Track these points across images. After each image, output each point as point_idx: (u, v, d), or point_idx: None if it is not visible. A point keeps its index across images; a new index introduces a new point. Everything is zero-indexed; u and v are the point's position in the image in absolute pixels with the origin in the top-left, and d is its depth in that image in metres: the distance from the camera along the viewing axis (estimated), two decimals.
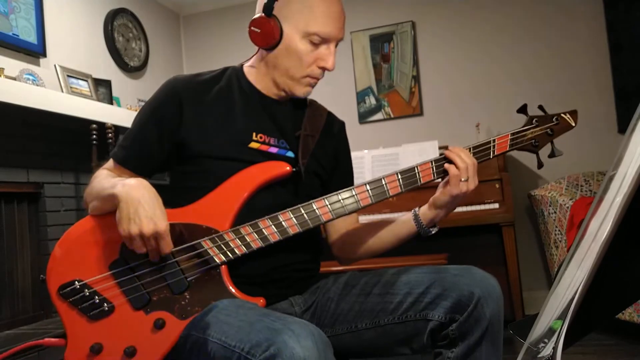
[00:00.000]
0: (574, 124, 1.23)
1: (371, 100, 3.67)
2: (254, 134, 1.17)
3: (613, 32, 3.18)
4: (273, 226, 1.07)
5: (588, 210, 0.55)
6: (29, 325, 2.39)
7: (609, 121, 3.22)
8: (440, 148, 3.07)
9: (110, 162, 1.21)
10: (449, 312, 1.05)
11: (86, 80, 2.90)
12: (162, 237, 1.00)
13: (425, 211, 1.19)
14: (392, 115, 3.63)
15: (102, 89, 3.04)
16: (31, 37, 2.62)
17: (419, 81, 3.59)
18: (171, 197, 1.19)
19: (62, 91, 2.66)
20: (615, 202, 0.53)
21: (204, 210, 1.10)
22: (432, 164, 1.14)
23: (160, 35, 3.82)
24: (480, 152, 1.16)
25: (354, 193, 1.11)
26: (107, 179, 1.12)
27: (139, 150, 1.18)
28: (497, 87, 3.41)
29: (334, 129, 1.34)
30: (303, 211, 1.09)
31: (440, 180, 1.16)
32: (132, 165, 1.17)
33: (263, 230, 1.07)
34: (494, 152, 1.17)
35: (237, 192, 1.10)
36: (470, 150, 1.15)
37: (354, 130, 3.71)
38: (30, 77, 2.51)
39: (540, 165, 1.23)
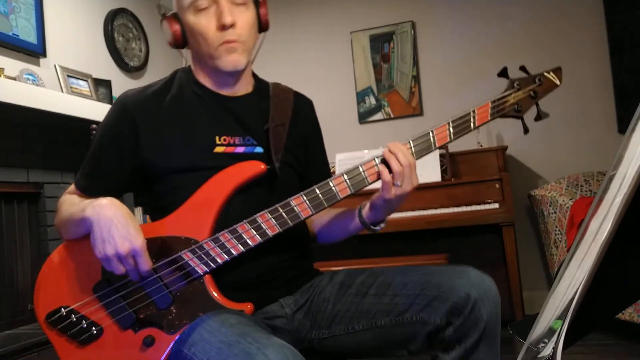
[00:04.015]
0: (558, 83, 1.15)
1: (371, 100, 3.67)
2: (217, 138, 1.13)
3: (613, 32, 3.18)
4: (252, 229, 1.05)
5: (588, 210, 0.55)
6: (29, 325, 2.39)
7: (609, 121, 3.22)
8: (440, 148, 3.07)
9: (72, 187, 1.18)
10: (446, 315, 1.03)
11: (86, 80, 2.90)
12: (140, 255, 0.99)
13: (366, 210, 1.16)
14: (392, 115, 3.63)
15: (102, 89, 3.04)
16: (31, 37, 2.61)
17: (419, 81, 3.59)
18: (152, 215, 1.18)
19: (62, 91, 2.66)
20: (615, 202, 0.53)
21: (181, 221, 1.08)
22: (376, 162, 1.09)
23: (160, 35, 3.82)
24: (460, 125, 1.11)
25: (331, 185, 1.08)
26: (72, 204, 1.10)
27: (100, 176, 1.16)
28: (497, 88, 3.41)
29: (302, 111, 1.29)
30: (281, 210, 1.06)
31: None
32: (95, 192, 1.13)
33: (242, 235, 1.04)
34: (474, 123, 1.12)
35: (212, 198, 1.07)
36: (410, 145, 1.09)
37: (354, 130, 3.74)
38: (30, 77, 2.51)
39: (526, 130, 1.17)
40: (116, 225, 0.98)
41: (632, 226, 0.54)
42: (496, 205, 2.81)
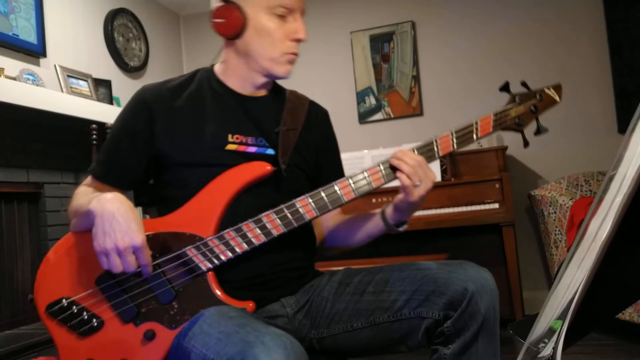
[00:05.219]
0: (558, 99, 1.21)
1: (371, 100, 3.67)
2: (230, 136, 1.15)
3: (613, 32, 3.18)
4: (257, 228, 1.06)
5: (588, 210, 0.55)
6: (29, 325, 2.39)
7: (609, 121, 3.22)
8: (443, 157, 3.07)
9: (89, 179, 1.20)
10: (443, 309, 1.04)
11: (86, 80, 2.90)
12: (140, 250, 0.99)
13: (390, 213, 1.18)
14: (392, 115, 3.63)
15: (102, 89, 3.04)
16: (31, 37, 2.62)
17: (419, 81, 3.59)
18: (158, 206, 1.19)
19: (62, 91, 2.66)
20: (615, 202, 0.53)
21: (186, 217, 1.08)
22: (380, 168, 1.12)
23: (160, 35, 3.82)
24: (463, 135, 1.14)
25: (336, 188, 1.09)
26: (85, 195, 1.11)
27: (116, 164, 1.17)
28: (497, 88, 3.41)
29: (316, 119, 1.31)
30: (286, 211, 1.07)
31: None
32: (110, 179, 1.16)
33: (247, 233, 1.05)
34: (477, 134, 1.15)
35: (218, 196, 1.08)
36: (414, 150, 1.13)
37: (354, 130, 3.74)
38: (30, 77, 2.51)
39: (526, 144, 1.20)
40: (118, 220, 0.98)
41: (632, 226, 0.54)
42: (496, 205, 2.81)
